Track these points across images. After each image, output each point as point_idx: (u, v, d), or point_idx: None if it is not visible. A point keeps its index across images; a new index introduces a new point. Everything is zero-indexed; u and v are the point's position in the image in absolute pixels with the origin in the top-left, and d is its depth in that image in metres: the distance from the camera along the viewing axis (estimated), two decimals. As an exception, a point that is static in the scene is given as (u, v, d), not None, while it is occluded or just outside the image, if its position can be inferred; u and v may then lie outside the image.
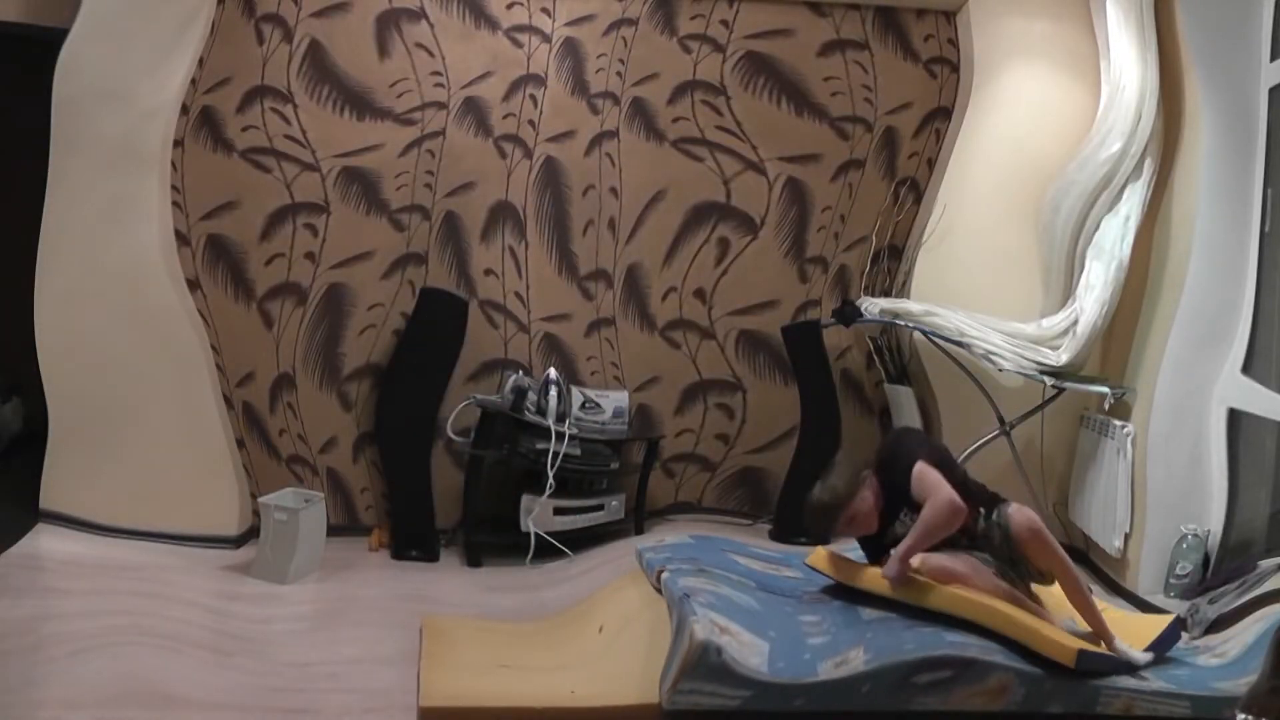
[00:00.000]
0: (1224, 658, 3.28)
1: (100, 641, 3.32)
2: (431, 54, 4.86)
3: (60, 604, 3.68)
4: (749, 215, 5.16)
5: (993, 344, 4.54)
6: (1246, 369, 3.94)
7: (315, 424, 4.94)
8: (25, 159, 4.40)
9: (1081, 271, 4.62)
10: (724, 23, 5.05)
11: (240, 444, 4.82)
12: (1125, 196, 4.51)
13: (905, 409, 5.04)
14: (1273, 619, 3.27)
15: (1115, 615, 3.95)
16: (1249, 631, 3.33)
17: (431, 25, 4.86)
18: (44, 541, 4.21)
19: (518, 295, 5.07)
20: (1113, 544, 4.27)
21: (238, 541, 4.54)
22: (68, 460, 4.40)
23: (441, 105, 4.90)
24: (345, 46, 4.82)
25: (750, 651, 2.88)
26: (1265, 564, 3.70)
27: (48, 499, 4.39)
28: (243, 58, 4.75)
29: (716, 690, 2.81)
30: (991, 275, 4.83)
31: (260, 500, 4.39)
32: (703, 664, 2.80)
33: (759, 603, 3.25)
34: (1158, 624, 3.82)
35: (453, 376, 4.85)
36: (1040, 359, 4.53)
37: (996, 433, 4.64)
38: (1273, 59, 3.83)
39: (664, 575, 3.37)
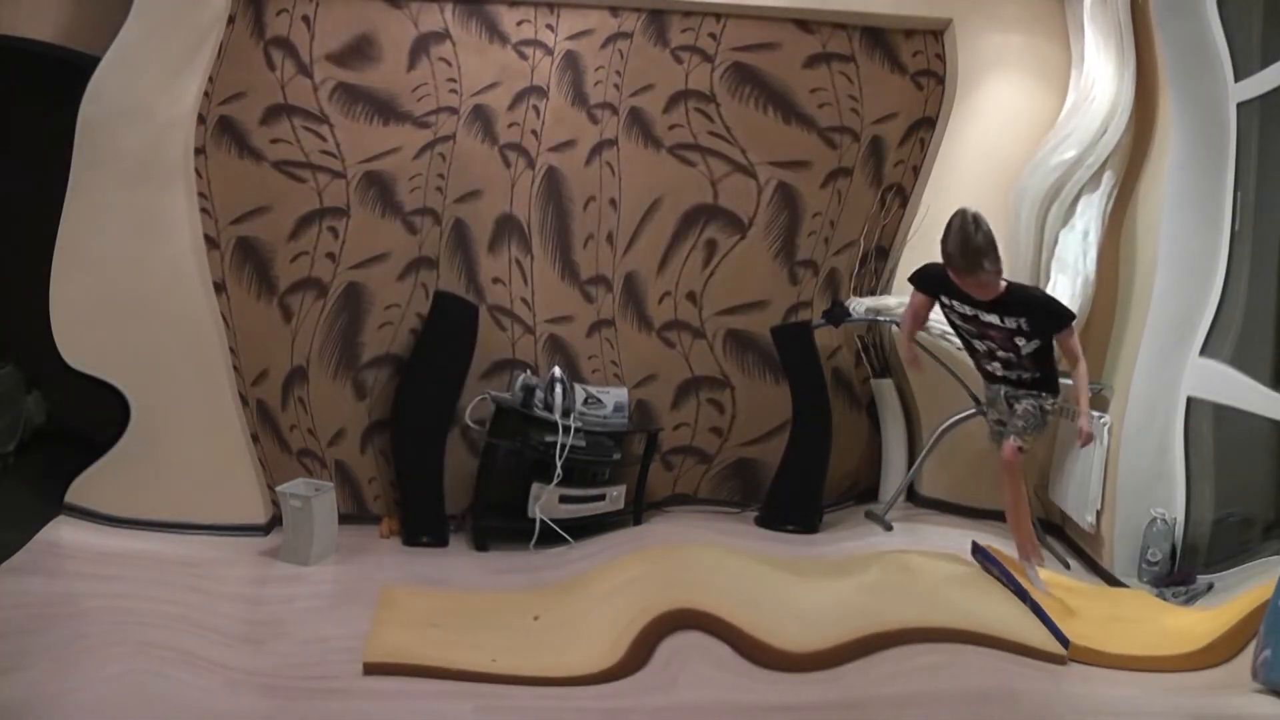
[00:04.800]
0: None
1: (133, 619, 3.56)
2: (449, 63, 5.07)
3: (95, 586, 3.91)
4: (736, 215, 5.32)
5: (948, 325, 4.79)
6: (1205, 351, 4.19)
7: (325, 417, 5.14)
8: (43, 170, 4.59)
9: (1048, 282, 4.80)
10: (712, 35, 5.21)
11: (254, 439, 5.01)
12: (1080, 210, 4.71)
13: (888, 400, 5.30)
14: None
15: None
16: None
17: (454, 42, 5.08)
18: (78, 534, 4.40)
19: (524, 301, 5.27)
20: (1085, 518, 4.52)
21: (266, 529, 4.76)
22: (100, 458, 4.62)
23: (453, 111, 5.10)
24: (375, 72, 5.05)
25: None
26: (1202, 579, 3.99)
27: (75, 494, 4.59)
28: (255, 72, 4.95)
29: None
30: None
31: (277, 489, 4.62)
32: None
33: None
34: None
35: (469, 373, 5.06)
36: None
37: (973, 411, 4.86)
38: (1237, 79, 4.09)
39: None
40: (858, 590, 3.99)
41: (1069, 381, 4.68)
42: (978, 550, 4.23)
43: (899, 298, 4.95)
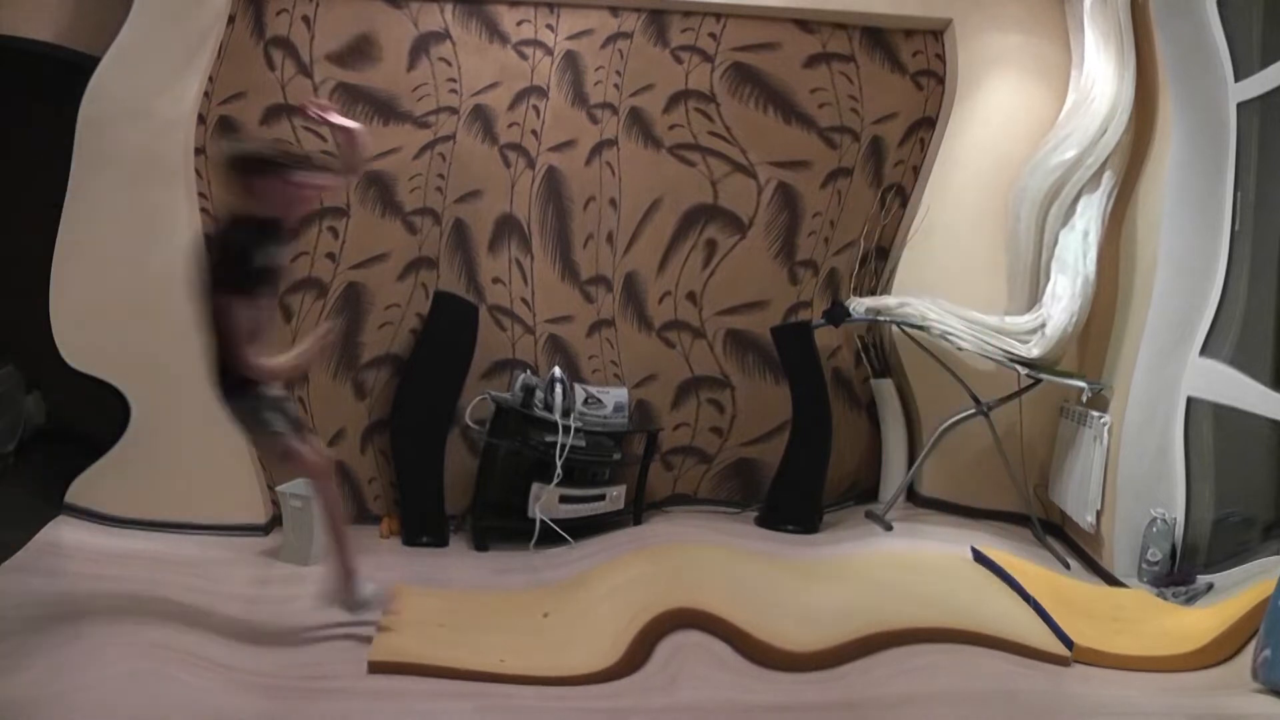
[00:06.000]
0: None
1: (135, 616, 3.56)
2: (449, 63, 5.08)
3: (95, 586, 3.91)
4: (736, 215, 5.33)
5: (950, 326, 4.76)
6: (1205, 351, 4.18)
7: (325, 417, 5.14)
8: (43, 170, 4.59)
9: (1048, 282, 4.81)
10: (712, 35, 5.22)
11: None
12: (1080, 210, 4.71)
13: (888, 400, 5.29)
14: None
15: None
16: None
17: (454, 42, 5.09)
18: (78, 534, 4.41)
19: (524, 300, 5.27)
20: (1085, 519, 4.53)
21: (266, 529, 4.76)
22: (100, 458, 4.62)
23: (454, 111, 5.11)
24: (375, 72, 5.06)
25: None
26: (1202, 579, 3.98)
27: (75, 494, 4.59)
28: (255, 72, 4.96)
29: None
30: (969, 272, 5.05)
31: (277, 489, 4.62)
32: None
33: None
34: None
35: (469, 373, 5.06)
36: (1006, 348, 4.73)
37: (974, 411, 4.87)
38: (1237, 79, 4.09)
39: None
40: (858, 590, 4.00)
41: (1069, 383, 4.71)
42: (977, 556, 4.24)
43: (899, 298, 4.96)
